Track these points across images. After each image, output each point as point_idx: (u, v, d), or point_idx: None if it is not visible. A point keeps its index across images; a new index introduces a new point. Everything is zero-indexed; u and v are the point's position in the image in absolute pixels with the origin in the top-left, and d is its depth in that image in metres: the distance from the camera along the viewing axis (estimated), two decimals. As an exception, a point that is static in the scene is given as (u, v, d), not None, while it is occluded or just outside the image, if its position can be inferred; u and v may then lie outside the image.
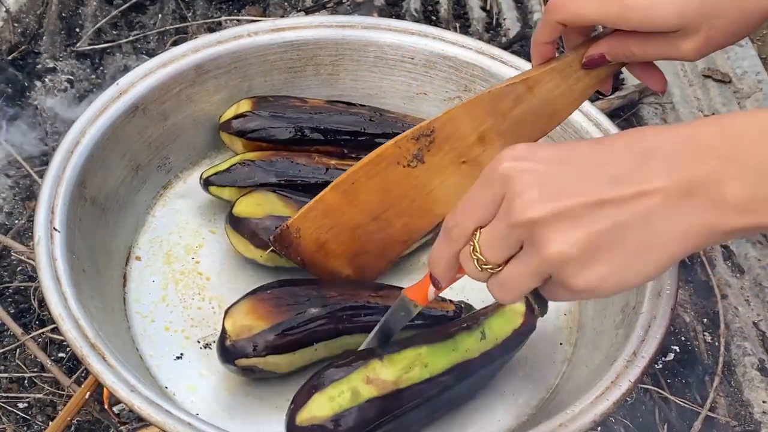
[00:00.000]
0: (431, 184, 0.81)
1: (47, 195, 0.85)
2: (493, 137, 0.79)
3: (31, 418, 1.00)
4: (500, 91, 0.77)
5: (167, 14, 1.49)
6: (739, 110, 0.56)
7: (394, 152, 0.80)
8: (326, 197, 0.82)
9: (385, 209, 0.82)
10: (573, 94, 0.76)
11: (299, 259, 0.84)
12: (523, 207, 0.55)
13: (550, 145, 0.58)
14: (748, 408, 1.04)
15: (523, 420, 0.85)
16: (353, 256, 0.85)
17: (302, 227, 0.83)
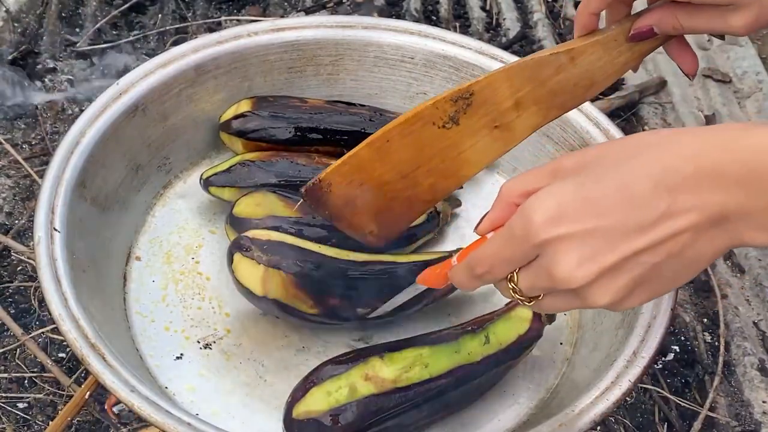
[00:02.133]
0: (462, 146, 0.81)
1: (47, 195, 0.85)
2: (528, 103, 0.79)
3: (31, 418, 1.00)
4: (543, 60, 0.77)
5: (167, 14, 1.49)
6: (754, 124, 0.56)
7: (431, 112, 0.79)
8: (360, 153, 0.81)
9: (414, 168, 0.82)
10: (613, 67, 0.77)
11: (326, 213, 0.84)
12: (564, 275, 0.57)
13: (577, 197, 0.57)
14: (748, 408, 1.04)
15: (523, 420, 0.85)
16: (378, 213, 0.85)
17: (333, 182, 0.82)
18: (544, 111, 0.80)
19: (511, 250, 0.60)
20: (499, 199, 0.64)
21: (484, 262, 0.62)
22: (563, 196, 0.57)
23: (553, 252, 0.57)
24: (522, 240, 0.58)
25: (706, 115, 1.38)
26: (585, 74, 0.77)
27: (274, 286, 0.83)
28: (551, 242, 0.57)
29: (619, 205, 0.56)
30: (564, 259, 0.56)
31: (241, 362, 0.87)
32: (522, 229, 0.58)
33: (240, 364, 0.87)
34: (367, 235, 0.86)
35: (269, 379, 0.86)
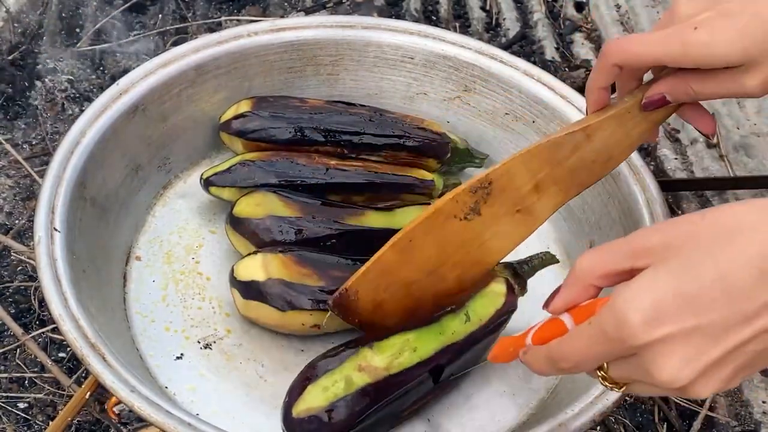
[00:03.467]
0: (485, 235, 0.80)
1: (47, 195, 0.85)
2: (548, 185, 0.78)
3: (31, 418, 1.00)
4: (558, 140, 0.76)
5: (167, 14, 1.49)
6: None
7: (452, 206, 0.79)
8: (384, 257, 0.80)
9: (439, 264, 0.81)
10: (629, 140, 0.76)
11: (356, 321, 0.83)
12: (667, 378, 0.54)
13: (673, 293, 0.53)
14: (748, 408, 1.04)
15: (523, 420, 0.85)
16: (407, 313, 0.83)
17: (360, 289, 0.81)
18: (565, 191, 0.79)
19: (603, 350, 0.56)
20: (575, 279, 0.60)
21: (570, 359, 0.59)
22: (658, 293, 0.53)
23: (653, 354, 0.54)
24: (617, 341, 0.54)
25: (706, 115, 1.38)
26: (602, 150, 0.76)
27: (275, 267, 0.84)
28: (650, 345, 0.53)
29: (720, 299, 0.52)
30: (666, 362, 0.53)
31: (241, 362, 0.87)
32: (616, 330, 0.54)
33: (240, 365, 0.87)
34: None
35: (269, 379, 0.86)
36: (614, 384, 0.59)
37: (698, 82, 0.69)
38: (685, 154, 1.33)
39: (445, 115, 1.07)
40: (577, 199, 0.98)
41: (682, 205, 1.24)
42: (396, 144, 1.00)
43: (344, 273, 0.85)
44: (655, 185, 0.92)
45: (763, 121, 1.39)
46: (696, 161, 1.31)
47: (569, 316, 0.61)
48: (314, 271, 0.85)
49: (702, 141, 1.34)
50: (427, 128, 1.02)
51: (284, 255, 0.86)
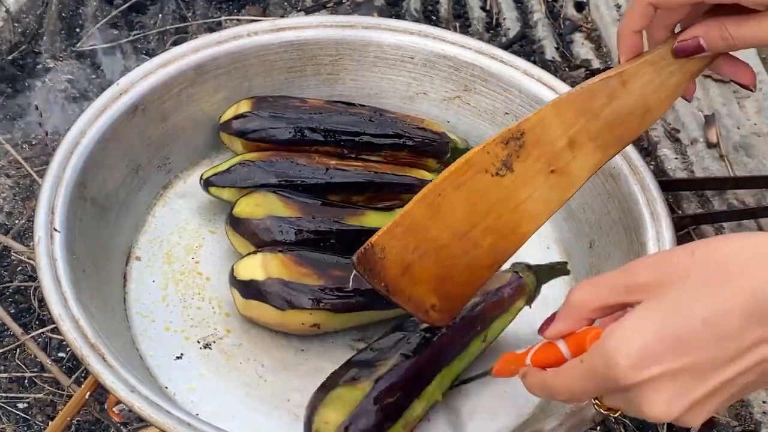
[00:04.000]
0: (519, 197, 0.75)
1: (47, 195, 0.85)
2: (584, 140, 0.74)
3: (31, 418, 1.00)
4: (593, 87, 0.73)
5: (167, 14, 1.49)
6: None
7: (482, 158, 0.74)
8: (412, 211, 0.74)
9: (471, 227, 0.75)
10: (666, 90, 0.73)
11: (383, 285, 0.75)
12: (656, 415, 0.56)
13: (663, 335, 0.54)
14: (748, 408, 1.04)
15: (523, 420, 0.85)
16: (439, 283, 0.76)
17: (387, 245, 0.74)
18: (602, 148, 0.75)
19: (594, 386, 0.58)
20: (570, 311, 0.61)
21: (564, 392, 0.61)
22: (647, 335, 0.54)
23: (642, 393, 0.55)
24: (606, 380, 0.56)
25: (706, 115, 1.38)
26: (638, 99, 0.73)
27: (275, 266, 0.84)
28: (639, 385, 0.55)
29: (709, 340, 0.53)
30: (654, 399, 0.55)
31: (241, 362, 0.87)
32: (606, 371, 0.55)
33: (240, 364, 0.87)
34: (430, 310, 0.77)
35: (269, 379, 0.86)
36: (609, 410, 0.61)
37: (735, 26, 0.66)
38: (685, 154, 1.33)
39: (445, 115, 1.07)
40: (577, 198, 0.98)
41: (682, 205, 1.24)
42: (396, 144, 1.00)
43: (344, 272, 0.85)
44: (655, 185, 0.92)
45: (763, 121, 1.39)
46: (696, 161, 1.31)
47: (564, 342, 0.63)
48: (314, 270, 0.85)
49: (702, 141, 1.34)
50: (427, 128, 1.02)
51: (284, 255, 0.86)
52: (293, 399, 0.84)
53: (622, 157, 0.95)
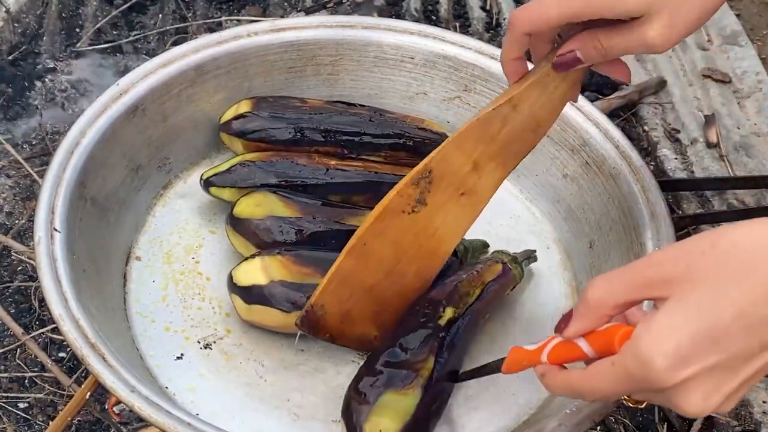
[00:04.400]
0: (435, 224, 0.82)
1: (47, 195, 0.85)
2: (485, 162, 0.80)
3: (31, 418, 1.00)
4: (487, 117, 0.78)
5: (167, 14, 1.49)
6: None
7: (398, 202, 0.81)
8: (342, 266, 0.82)
9: (397, 262, 0.83)
10: (553, 102, 0.78)
11: (327, 336, 0.84)
12: (692, 412, 0.56)
13: (695, 334, 0.54)
14: (748, 408, 1.04)
15: (523, 420, 0.85)
16: (375, 317, 0.85)
17: (325, 302, 0.82)
18: (503, 164, 0.81)
19: (627, 388, 0.58)
20: (588, 310, 0.61)
21: (595, 394, 0.60)
22: (681, 335, 0.54)
23: (679, 392, 0.55)
24: (642, 382, 0.56)
25: (706, 115, 1.38)
26: (529, 118, 0.78)
27: (275, 269, 0.84)
28: (676, 385, 0.55)
29: (739, 334, 0.54)
30: (691, 397, 0.55)
31: (241, 362, 0.87)
32: (641, 374, 0.56)
33: (240, 364, 0.87)
34: (373, 341, 0.86)
35: (269, 379, 0.86)
36: (637, 403, 0.62)
37: (605, 37, 0.70)
38: (685, 154, 1.33)
39: (445, 115, 1.07)
40: (577, 198, 0.98)
41: (682, 205, 1.24)
42: (396, 144, 1.00)
43: None
44: (655, 185, 0.92)
45: (763, 121, 1.39)
46: (696, 161, 1.31)
47: (585, 341, 0.62)
48: (315, 269, 0.85)
49: (702, 141, 1.34)
50: (427, 128, 1.02)
51: (282, 256, 0.86)
52: (293, 399, 0.84)
53: (622, 157, 0.95)
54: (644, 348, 0.55)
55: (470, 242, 0.95)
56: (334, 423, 0.83)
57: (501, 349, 0.89)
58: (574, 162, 0.99)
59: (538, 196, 1.04)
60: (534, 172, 1.03)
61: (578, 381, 0.61)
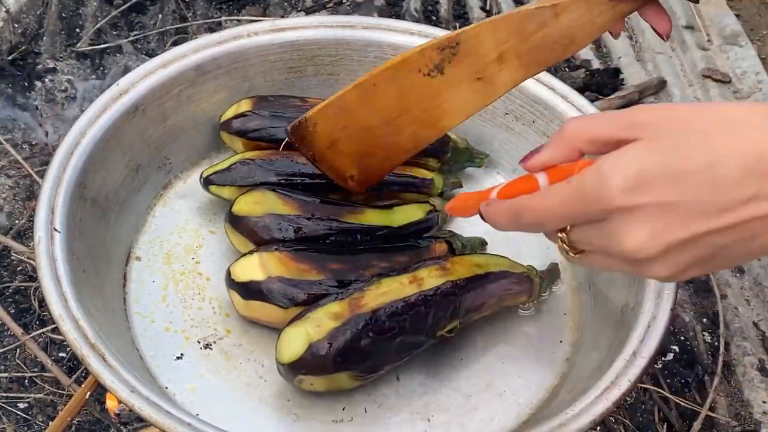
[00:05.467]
0: (443, 96, 0.83)
1: (47, 195, 0.85)
2: (511, 57, 0.80)
3: (31, 418, 1.00)
4: (528, 13, 0.78)
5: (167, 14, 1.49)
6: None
7: (417, 59, 0.81)
8: (346, 95, 0.83)
9: (397, 115, 0.84)
10: (593, 26, 0.78)
11: (310, 154, 0.86)
12: (632, 247, 0.54)
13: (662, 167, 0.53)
14: (748, 408, 1.04)
15: (523, 420, 0.85)
16: (360, 158, 0.87)
17: (319, 121, 0.84)
18: (525, 66, 0.81)
19: (574, 209, 0.56)
20: (561, 139, 0.59)
21: (536, 213, 0.58)
22: (647, 164, 0.54)
23: (625, 221, 0.54)
24: (592, 202, 0.55)
25: (706, 115, 1.38)
26: (566, 31, 0.78)
27: (273, 265, 0.84)
28: (625, 210, 0.54)
29: (705, 184, 0.53)
30: (634, 230, 0.54)
31: (241, 362, 0.87)
32: (595, 191, 0.54)
33: (240, 365, 0.87)
34: (348, 179, 0.88)
35: (269, 379, 0.86)
36: (572, 249, 0.59)
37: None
38: (685, 154, 1.33)
39: (445, 115, 1.07)
40: (577, 199, 0.98)
41: (682, 205, 1.24)
42: (396, 144, 1.00)
43: (343, 265, 0.86)
44: (655, 185, 0.92)
45: (763, 121, 1.39)
46: (696, 161, 1.31)
47: (545, 175, 0.60)
48: (313, 266, 0.85)
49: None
50: (427, 128, 1.02)
51: (280, 252, 0.86)
52: (293, 399, 0.84)
53: (622, 157, 0.95)
54: (605, 166, 0.54)
55: (468, 239, 0.95)
56: (334, 423, 0.83)
57: (495, 346, 0.90)
58: (574, 162, 0.99)
59: (538, 196, 1.04)
60: (534, 172, 1.03)
61: (524, 200, 0.59)
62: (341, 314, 0.79)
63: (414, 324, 0.81)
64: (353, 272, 0.86)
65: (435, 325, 0.83)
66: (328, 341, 0.78)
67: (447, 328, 0.84)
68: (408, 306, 0.81)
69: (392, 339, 0.80)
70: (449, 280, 0.84)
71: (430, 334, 0.83)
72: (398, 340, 0.81)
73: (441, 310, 0.83)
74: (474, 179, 1.06)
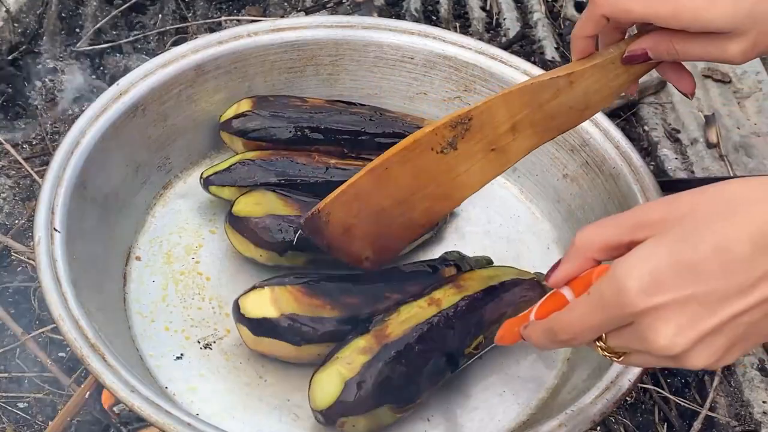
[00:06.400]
0: (458, 170, 0.82)
1: (47, 195, 0.85)
2: (525, 126, 0.80)
3: (31, 418, 1.00)
4: (542, 84, 0.78)
5: (167, 14, 1.49)
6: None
7: (430, 139, 0.81)
8: (359, 182, 0.82)
9: (411, 194, 0.83)
10: (608, 90, 0.78)
11: (324, 243, 0.84)
12: (663, 344, 0.55)
13: (672, 262, 0.54)
14: (748, 408, 1.04)
15: (523, 420, 0.85)
16: (375, 239, 0.86)
17: (332, 211, 0.82)
18: (540, 134, 0.81)
19: (600, 318, 0.57)
20: (575, 251, 0.61)
21: (568, 330, 0.59)
22: (658, 262, 0.54)
23: (650, 321, 0.54)
24: (614, 308, 0.55)
25: (706, 115, 1.38)
26: (581, 97, 0.78)
27: (285, 301, 0.82)
28: (648, 312, 0.54)
29: (718, 269, 0.53)
30: (662, 328, 0.54)
31: (241, 362, 0.87)
32: (614, 298, 0.55)
33: (240, 364, 0.87)
34: (364, 261, 0.87)
35: (269, 379, 0.86)
36: (613, 354, 0.60)
37: (682, 42, 0.70)
38: (685, 154, 1.33)
39: (445, 115, 1.07)
40: (577, 198, 0.98)
41: (682, 205, 1.24)
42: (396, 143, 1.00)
43: (357, 299, 0.85)
44: (655, 185, 0.92)
45: (763, 121, 1.39)
46: (696, 161, 1.31)
47: (569, 289, 0.62)
48: (326, 301, 0.84)
49: (702, 141, 1.34)
50: (427, 128, 1.02)
51: (293, 286, 0.83)
52: (293, 399, 0.84)
53: (622, 157, 0.95)
54: (619, 272, 0.55)
55: (475, 260, 0.94)
56: (334, 423, 0.83)
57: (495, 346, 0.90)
58: (574, 162, 0.99)
59: (538, 196, 1.04)
60: (534, 172, 1.03)
61: (555, 318, 0.61)
62: (370, 347, 0.78)
63: (441, 344, 0.81)
64: (367, 306, 0.85)
65: (462, 342, 0.82)
66: (362, 377, 0.77)
67: (473, 345, 0.83)
68: (432, 327, 0.81)
69: (424, 363, 0.80)
70: (466, 295, 0.84)
71: (460, 352, 0.82)
72: (430, 363, 0.80)
73: (464, 326, 0.83)
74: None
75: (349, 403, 0.77)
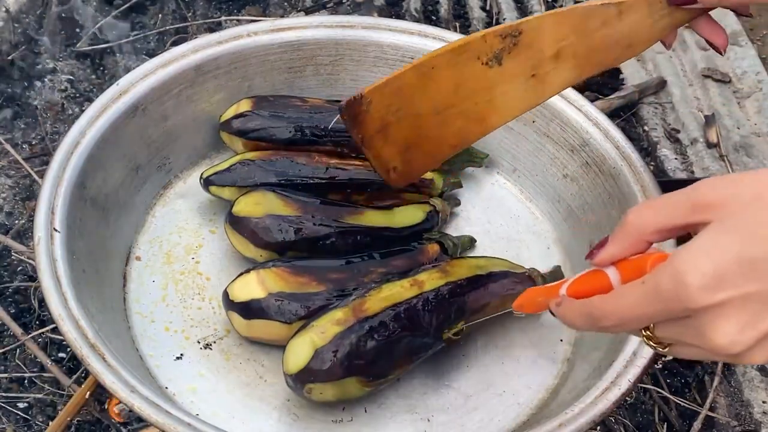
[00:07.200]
0: (497, 90, 0.82)
1: (47, 195, 0.85)
2: (567, 56, 0.80)
3: (31, 418, 1.00)
4: (593, 9, 0.78)
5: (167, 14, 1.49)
6: None
7: (479, 45, 0.80)
8: (404, 75, 0.81)
9: (449, 106, 0.83)
10: (652, 30, 0.78)
11: (360, 136, 0.82)
12: (723, 343, 0.52)
13: (736, 258, 0.51)
14: (748, 408, 1.04)
15: (523, 420, 0.85)
16: (406, 149, 0.85)
17: (374, 100, 0.81)
18: (580, 67, 0.81)
19: (654, 310, 0.54)
20: (626, 232, 0.57)
21: (614, 316, 0.56)
22: (721, 256, 0.51)
23: (710, 318, 0.52)
24: (672, 302, 0.53)
25: (706, 115, 1.38)
26: (627, 33, 0.78)
27: (271, 281, 0.83)
28: (708, 309, 0.52)
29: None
30: (723, 326, 0.52)
31: (241, 362, 0.87)
32: (673, 292, 0.52)
33: (240, 364, 0.87)
34: (390, 170, 0.86)
35: (269, 379, 0.86)
36: (659, 344, 0.57)
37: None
38: (685, 154, 1.33)
39: (445, 115, 1.07)
40: (577, 198, 0.98)
41: (682, 205, 1.24)
42: (396, 144, 1.00)
43: (342, 274, 0.85)
44: (655, 185, 0.92)
45: (763, 121, 1.39)
46: (696, 161, 1.31)
47: (615, 270, 0.58)
48: (312, 278, 0.85)
49: (702, 141, 1.34)
50: (427, 128, 1.01)
51: (277, 268, 0.85)
52: (293, 399, 0.84)
53: (622, 157, 0.95)
54: (680, 265, 0.52)
55: (458, 238, 0.96)
56: (334, 423, 0.83)
57: (495, 346, 0.90)
58: (574, 162, 0.99)
59: (538, 196, 1.04)
60: (534, 172, 1.03)
61: (599, 302, 0.57)
62: (345, 320, 0.79)
63: (417, 325, 0.81)
64: (353, 280, 0.86)
65: (439, 327, 0.83)
66: (334, 346, 0.78)
67: (453, 330, 0.84)
68: (410, 308, 0.81)
69: (397, 342, 0.80)
70: (449, 281, 0.85)
71: (436, 335, 0.83)
72: (403, 342, 0.81)
73: (443, 311, 0.83)
74: (474, 179, 1.06)
75: (317, 370, 0.78)
